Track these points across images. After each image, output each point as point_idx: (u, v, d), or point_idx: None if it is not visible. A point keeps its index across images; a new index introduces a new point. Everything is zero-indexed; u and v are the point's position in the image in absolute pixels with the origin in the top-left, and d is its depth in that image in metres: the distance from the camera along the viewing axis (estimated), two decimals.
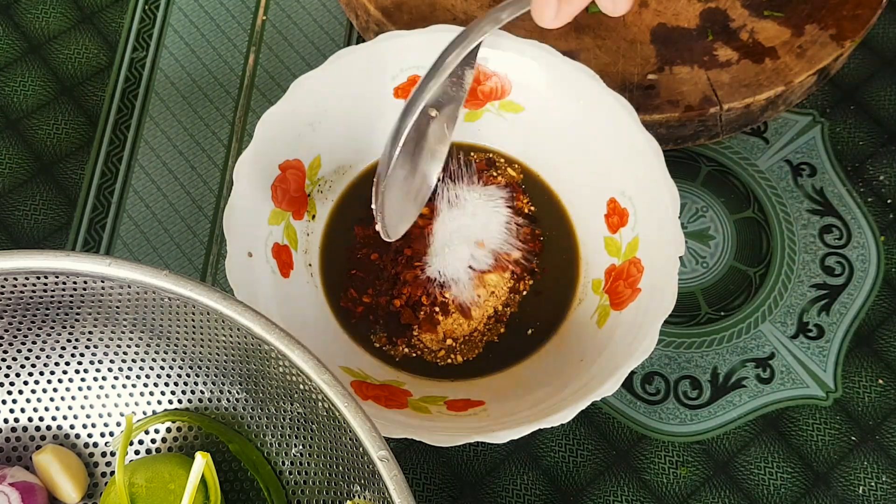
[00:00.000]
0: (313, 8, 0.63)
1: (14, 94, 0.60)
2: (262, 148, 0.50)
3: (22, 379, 0.45)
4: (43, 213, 0.57)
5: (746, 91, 0.54)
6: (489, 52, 0.52)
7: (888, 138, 0.59)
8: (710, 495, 0.51)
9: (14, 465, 0.45)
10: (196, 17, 0.63)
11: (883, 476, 0.51)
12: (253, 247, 0.49)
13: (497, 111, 0.54)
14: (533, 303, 0.52)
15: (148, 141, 0.59)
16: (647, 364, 0.54)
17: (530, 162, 0.55)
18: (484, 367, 0.51)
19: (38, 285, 0.41)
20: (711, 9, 0.57)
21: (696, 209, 0.57)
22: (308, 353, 0.39)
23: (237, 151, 0.59)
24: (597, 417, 0.52)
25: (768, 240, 0.56)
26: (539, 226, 0.54)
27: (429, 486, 0.51)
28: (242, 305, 0.39)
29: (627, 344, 0.47)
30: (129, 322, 0.43)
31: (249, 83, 0.61)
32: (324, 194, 0.54)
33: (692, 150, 0.59)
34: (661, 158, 0.49)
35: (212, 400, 0.45)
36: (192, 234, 0.57)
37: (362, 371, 0.50)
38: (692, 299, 0.55)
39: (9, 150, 0.59)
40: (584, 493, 0.51)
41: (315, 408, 0.40)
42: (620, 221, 0.51)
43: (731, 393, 0.53)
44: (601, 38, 0.57)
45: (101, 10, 0.63)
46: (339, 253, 0.53)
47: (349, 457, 0.40)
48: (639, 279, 0.49)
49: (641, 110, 0.53)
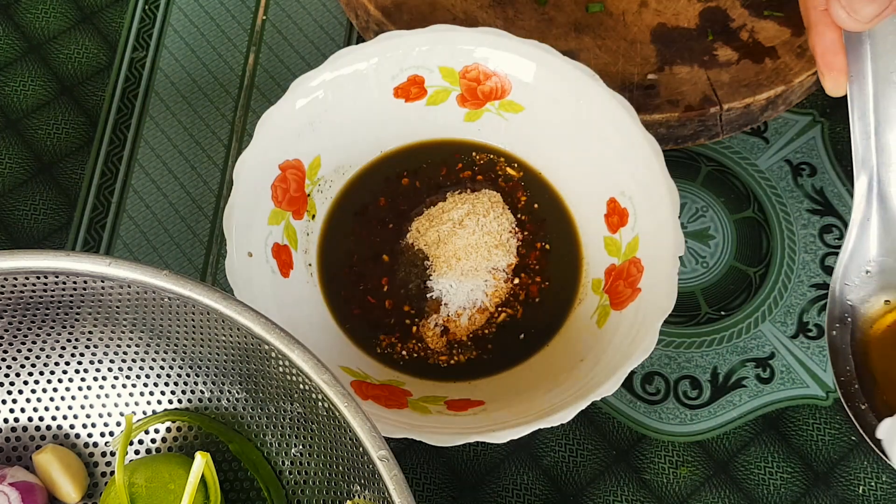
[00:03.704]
0: (313, 8, 0.63)
1: (14, 93, 0.60)
2: (262, 148, 0.50)
3: (22, 379, 0.45)
4: (43, 213, 0.57)
5: (746, 91, 0.54)
6: (489, 52, 0.52)
7: None
8: (710, 495, 0.51)
9: (14, 465, 0.45)
10: (196, 17, 0.63)
11: (883, 476, 0.51)
12: (253, 247, 0.49)
13: (497, 111, 0.54)
14: (534, 303, 0.52)
15: (148, 141, 0.59)
16: (647, 364, 0.54)
17: (531, 161, 0.55)
18: (484, 368, 0.51)
19: (38, 285, 0.41)
20: (711, 8, 0.57)
21: (696, 209, 0.57)
22: (308, 353, 0.39)
23: (237, 151, 0.59)
24: (597, 417, 0.52)
25: (768, 240, 0.56)
26: (542, 226, 0.54)
27: (429, 486, 0.51)
28: (242, 305, 0.39)
29: (627, 344, 0.47)
30: (129, 322, 0.43)
31: (249, 83, 0.61)
32: (324, 194, 0.54)
33: (692, 150, 0.59)
34: (661, 158, 0.49)
35: (212, 400, 0.45)
36: (192, 234, 0.57)
37: (362, 371, 0.50)
38: (692, 299, 0.55)
39: (9, 150, 0.59)
40: (584, 493, 0.51)
41: (315, 408, 0.40)
42: (620, 221, 0.51)
43: (731, 393, 0.53)
44: (601, 38, 0.57)
45: (101, 10, 0.63)
46: (338, 253, 0.53)
47: (349, 457, 0.40)
48: (639, 279, 0.49)
49: (641, 110, 0.53)
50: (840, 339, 0.47)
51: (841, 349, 0.47)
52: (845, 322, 0.47)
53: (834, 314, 0.47)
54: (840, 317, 0.47)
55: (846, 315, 0.47)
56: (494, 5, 0.58)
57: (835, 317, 0.47)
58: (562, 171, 0.54)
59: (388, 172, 0.55)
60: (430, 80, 0.53)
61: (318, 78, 0.51)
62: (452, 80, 0.53)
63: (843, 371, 0.46)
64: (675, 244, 0.47)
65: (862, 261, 0.48)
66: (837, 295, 0.47)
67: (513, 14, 0.57)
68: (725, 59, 0.56)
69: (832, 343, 0.47)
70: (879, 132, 0.47)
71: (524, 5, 0.58)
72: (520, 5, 0.58)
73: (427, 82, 0.53)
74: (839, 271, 0.48)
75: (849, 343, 0.47)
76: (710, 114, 0.54)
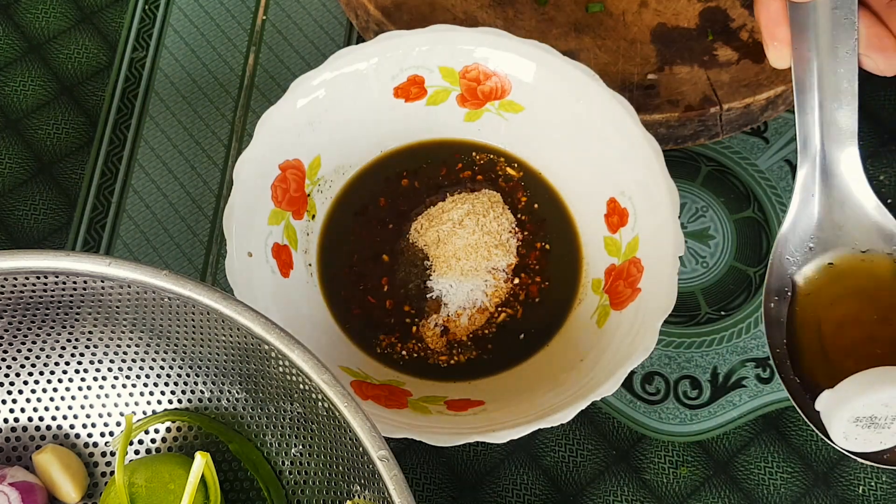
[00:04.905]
0: (313, 8, 0.63)
1: (14, 93, 0.60)
2: (262, 148, 0.50)
3: (22, 379, 0.45)
4: (43, 213, 0.57)
5: (746, 91, 0.54)
6: (489, 52, 0.52)
7: (888, 138, 0.59)
8: (710, 495, 0.51)
9: (14, 465, 0.45)
10: (196, 17, 0.63)
11: (883, 476, 0.51)
12: (253, 247, 0.49)
13: (497, 111, 0.54)
14: (534, 303, 0.52)
15: (148, 141, 0.59)
16: (647, 364, 0.54)
17: (531, 161, 0.55)
18: (484, 368, 0.51)
19: (38, 285, 0.41)
20: (711, 8, 0.57)
21: (696, 209, 0.57)
22: (308, 353, 0.39)
23: (237, 151, 0.59)
24: (597, 417, 0.52)
25: (768, 239, 0.56)
26: (542, 226, 0.54)
27: (429, 486, 0.51)
28: (242, 305, 0.39)
29: (627, 344, 0.47)
30: (129, 322, 0.43)
31: (249, 83, 0.61)
32: (324, 194, 0.54)
33: (692, 150, 0.59)
34: (661, 158, 0.49)
35: (212, 400, 0.45)
36: (192, 234, 0.57)
37: (362, 371, 0.50)
38: (692, 299, 0.55)
39: (9, 150, 0.59)
40: (584, 493, 0.51)
41: (315, 408, 0.40)
42: (620, 221, 0.51)
43: (731, 393, 0.53)
44: (601, 38, 0.57)
45: (101, 9, 0.63)
46: (338, 253, 0.53)
47: (349, 457, 0.40)
48: (639, 279, 0.49)
49: (641, 110, 0.53)
50: (778, 311, 0.47)
51: (778, 322, 0.46)
52: (784, 296, 0.47)
53: (772, 287, 0.47)
54: (779, 290, 0.47)
55: (785, 289, 0.47)
56: (494, 5, 0.58)
57: (773, 290, 0.47)
58: (562, 171, 0.54)
59: (388, 172, 0.55)
60: (430, 80, 0.53)
61: (318, 78, 0.51)
62: (452, 80, 0.53)
63: (778, 343, 0.46)
64: (675, 244, 0.47)
65: (805, 235, 0.47)
66: (777, 268, 0.47)
67: (513, 14, 0.57)
68: (725, 59, 0.56)
69: (768, 315, 0.47)
70: (824, 106, 0.47)
71: (524, 5, 0.58)
72: (520, 5, 0.58)
73: (427, 82, 0.53)
74: (780, 244, 0.47)
75: (786, 316, 0.47)
76: (710, 114, 0.54)
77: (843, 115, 0.47)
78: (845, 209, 0.47)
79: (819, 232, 0.47)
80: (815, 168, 0.47)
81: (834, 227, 0.47)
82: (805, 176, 0.48)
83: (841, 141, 0.47)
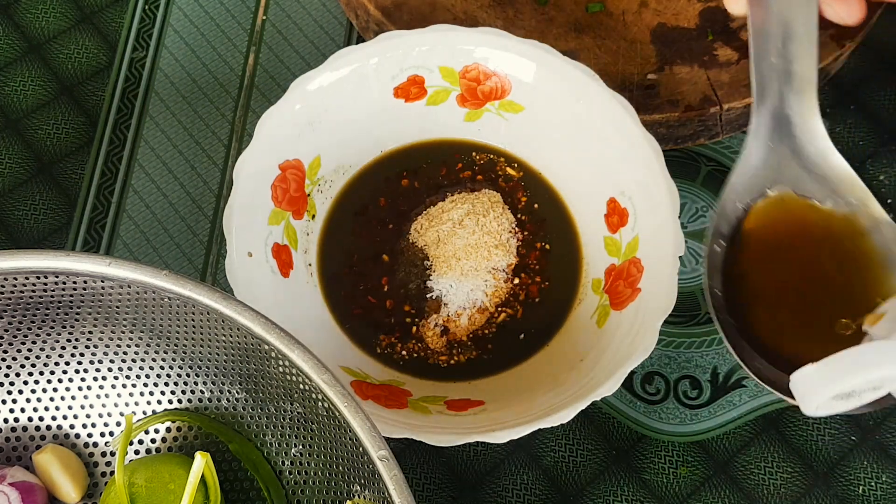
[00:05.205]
0: (313, 8, 0.63)
1: (14, 93, 0.60)
2: (262, 148, 0.50)
3: (22, 379, 0.45)
4: (43, 213, 0.57)
5: (746, 91, 0.54)
6: (489, 52, 0.52)
7: (888, 138, 0.59)
8: (710, 495, 0.51)
9: (14, 465, 0.45)
10: (196, 17, 0.63)
11: (883, 476, 0.51)
12: (253, 247, 0.49)
13: (497, 111, 0.54)
14: (534, 303, 0.52)
15: (148, 141, 0.59)
16: (647, 364, 0.54)
17: (531, 161, 0.55)
18: (484, 368, 0.51)
19: (38, 285, 0.41)
20: (711, 8, 0.57)
21: (696, 209, 0.57)
22: (308, 353, 0.39)
23: (237, 151, 0.59)
24: (597, 417, 0.52)
25: None
26: (542, 226, 0.54)
27: (429, 486, 0.51)
28: (242, 305, 0.39)
29: (627, 344, 0.47)
30: (129, 322, 0.43)
31: (249, 83, 0.61)
32: (324, 194, 0.54)
33: (692, 150, 0.59)
34: (661, 158, 0.49)
35: (212, 400, 0.45)
36: (192, 234, 0.57)
37: (362, 371, 0.50)
38: (692, 299, 0.55)
39: (9, 150, 0.59)
40: (584, 493, 0.51)
41: (315, 408, 0.40)
42: (620, 221, 0.51)
43: (731, 393, 0.53)
44: (601, 38, 0.57)
45: (101, 9, 0.63)
46: (338, 253, 0.53)
47: (349, 457, 0.40)
48: (639, 279, 0.49)
49: (641, 110, 0.53)
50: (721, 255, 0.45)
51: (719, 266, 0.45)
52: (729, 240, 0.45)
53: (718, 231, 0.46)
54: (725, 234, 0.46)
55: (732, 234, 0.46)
56: (494, 5, 0.58)
57: (718, 233, 0.46)
58: (562, 171, 0.54)
59: (388, 172, 0.55)
60: (430, 80, 0.53)
61: (318, 78, 0.51)
62: (452, 80, 0.53)
63: (717, 285, 0.45)
64: (675, 244, 0.47)
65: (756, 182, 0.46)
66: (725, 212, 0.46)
67: (513, 14, 0.57)
68: (725, 59, 0.56)
69: (711, 258, 0.45)
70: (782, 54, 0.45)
71: (524, 5, 0.58)
72: (520, 5, 0.58)
73: (427, 82, 0.53)
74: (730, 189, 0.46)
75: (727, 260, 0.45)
76: (710, 114, 0.54)
77: (803, 63, 0.45)
78: (801, 158, 0.46)
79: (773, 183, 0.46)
80: (770, 116, 0.46)
81: (787, 175, 0.46)
82: (759, 124, 0.46)
83: (800, 90, 0.45)
